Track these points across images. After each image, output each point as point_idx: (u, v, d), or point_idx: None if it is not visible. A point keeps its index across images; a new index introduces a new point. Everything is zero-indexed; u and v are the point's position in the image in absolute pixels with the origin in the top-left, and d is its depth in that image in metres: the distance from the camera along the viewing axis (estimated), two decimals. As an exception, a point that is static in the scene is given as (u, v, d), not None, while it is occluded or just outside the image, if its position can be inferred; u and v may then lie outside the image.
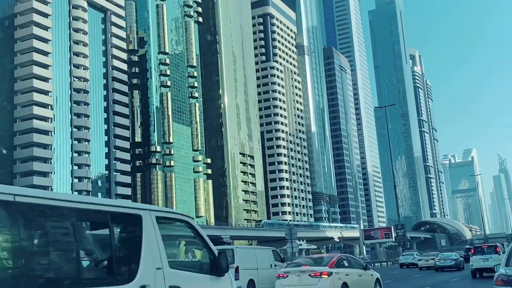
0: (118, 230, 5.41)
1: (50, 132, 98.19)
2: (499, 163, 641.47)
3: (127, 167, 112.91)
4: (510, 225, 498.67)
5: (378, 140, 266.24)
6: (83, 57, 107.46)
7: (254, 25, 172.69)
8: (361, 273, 17.06)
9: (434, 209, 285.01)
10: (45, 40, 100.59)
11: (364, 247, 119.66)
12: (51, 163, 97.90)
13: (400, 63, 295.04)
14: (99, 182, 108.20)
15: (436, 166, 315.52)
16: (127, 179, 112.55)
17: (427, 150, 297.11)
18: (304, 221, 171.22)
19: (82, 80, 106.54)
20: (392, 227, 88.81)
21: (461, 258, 39.64)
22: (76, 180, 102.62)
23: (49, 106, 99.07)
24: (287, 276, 16.03)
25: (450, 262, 37.79)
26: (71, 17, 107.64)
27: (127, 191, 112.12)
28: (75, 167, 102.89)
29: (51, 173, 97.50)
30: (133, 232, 5.35)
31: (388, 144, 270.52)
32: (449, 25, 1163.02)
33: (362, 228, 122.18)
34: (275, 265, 21.53)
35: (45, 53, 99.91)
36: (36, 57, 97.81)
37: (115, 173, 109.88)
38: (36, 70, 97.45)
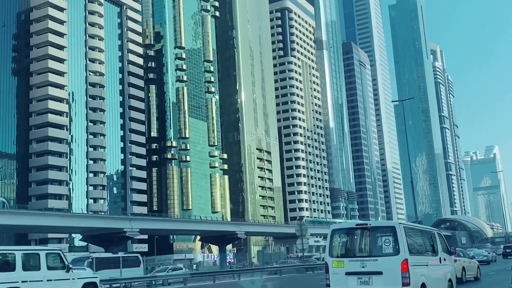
0: None
1: (65, 127, 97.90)
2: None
3: (142, 162, 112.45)
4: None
5: (398, 136, 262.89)
6: (98, 51, 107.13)
7: (271, 20, 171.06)
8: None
9: (455, 207, 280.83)
10: (61, 34, 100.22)
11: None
12: (66, 157, 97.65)
13: (421, 59, 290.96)
14: (115, 177, 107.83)
15: (457, 163, 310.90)
16: (143, 174, 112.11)
17: (448, 147, 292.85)
18: (322, 218, 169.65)
19: (98, 74, 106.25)
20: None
21: (493, 254, 52.53)
22: (91, 175, 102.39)
23: (65, 100, 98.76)
24: None
25: (482, 258, 44.88)
26: (87, 11, 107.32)
27: (143, 186, 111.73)
28: (91, 162, 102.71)
29: (66, 167, 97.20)
30: None
31: (408, 140, 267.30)
32: (471, 20, 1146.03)
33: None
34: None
35: (61, 47, 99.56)
36: (52, 51, 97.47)
37: (131, 168, 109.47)
38: (52, 64, 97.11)
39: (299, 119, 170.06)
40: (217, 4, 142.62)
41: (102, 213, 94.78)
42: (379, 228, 12.52)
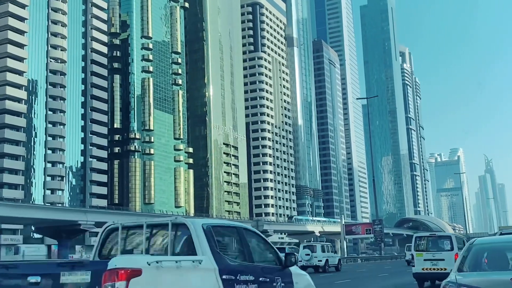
0: None
1: (23, 114, 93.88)
2: (485, 163, 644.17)
3: (104, 154, 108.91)
4: (494, 224, 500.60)
5: (365, 136, 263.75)
6: (61, 37, 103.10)
7: (242, 14, 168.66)
8: None
9: (418, 207, 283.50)
10: (22, 19, 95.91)
11: (345, 242, 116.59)
12: (23, 146, 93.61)
13: (389, 60, 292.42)
14: (74, 168, 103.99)
15: (422, 164, 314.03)
16: (104, 166, 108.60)
17: (413, 148, 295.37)
18: (287, 214, 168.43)
19: (60, 61, 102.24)
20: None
21: None
22: (49, 165, 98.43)
23: (23, 87, 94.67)
24: None
25: None
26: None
27: (103, 178, 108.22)
28: (49, 151, 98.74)
29: (23, 156, 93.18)
30: None
31: (374, 140, 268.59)
32: (439, 23, 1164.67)
33: (343, 223, 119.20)
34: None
35: (21, 32, 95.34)
36: (11, 35, 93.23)
37: (91, 159, 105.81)
38: (11, 49, 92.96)
39: (268, 115, 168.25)
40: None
41: (59, 205, 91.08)
42: (442, 236, 22.44)
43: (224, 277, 6.54)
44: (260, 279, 7.32)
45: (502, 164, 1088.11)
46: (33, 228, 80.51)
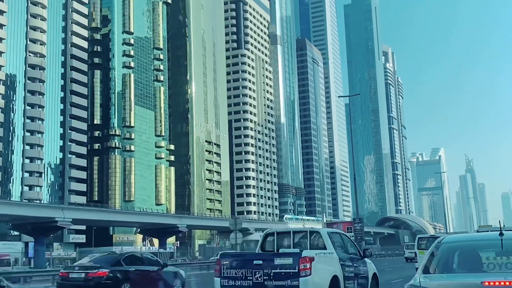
0: None
1: (0, 109, 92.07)
2: (466, 163, 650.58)
3: (83, 150, 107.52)
4: (474, 224, 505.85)
5: (348, 135, 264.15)
6: (40, 32, 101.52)
7: (226, 11, 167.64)
8: None
9: (400, 206, 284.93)
10: (0, 12, 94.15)
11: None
12: (0, 141, 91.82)
13: (373, 59, 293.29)
14: (53, 164, 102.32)
15: (404, 163, 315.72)
16: (83, 162, 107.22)
17: (395, 147, 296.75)
18: (269, 213, 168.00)
19: (39, 56, 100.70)
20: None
21: None
22: (27, 161, 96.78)
23: (1, 81, 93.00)
24: None
25: None
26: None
27: (83, 174, 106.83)
28: (27, 147, 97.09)
29: (0, 151, 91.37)
30: None
31: (357, 139, 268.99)
32: (423, 23, 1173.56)
33: (325, 221, 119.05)
34: None
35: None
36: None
37: (70, 156, 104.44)
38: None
39: (250, 113, 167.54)
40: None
41: (37, 201, 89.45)
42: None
43: (340, 262, 11.50)
44: (354, 264, 12.26)
45: (483, 164, 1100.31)
46: (9, 225, 78.86)
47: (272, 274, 10.14)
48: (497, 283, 4.80)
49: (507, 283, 4.77)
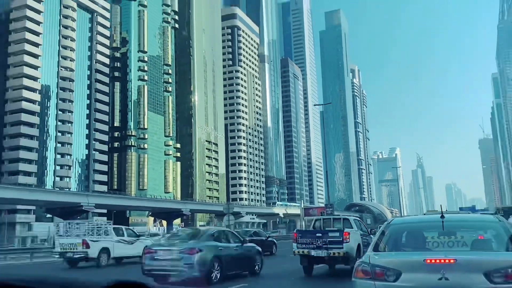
0: None
1: (36, 113, 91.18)
2: (417, 160, 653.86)
3: (105, 147, 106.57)
4: (423, 209, 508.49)
5: (322, 136, 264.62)
6: (70, 50, 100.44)
7: (223, 35, 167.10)
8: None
9: (363, 194, 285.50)
10: (37, 33, 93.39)
11: (304, 222, 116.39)
12: (37, 140, 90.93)
13: (342, 75, 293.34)
14: (79, 159, 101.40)
15: (367, 160, 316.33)
16: (105, 158, 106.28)
17: (360, 147, 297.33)
18: (257, 199, 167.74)
19: (69, 70, 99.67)
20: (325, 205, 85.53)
21: None
22: (59, 156, 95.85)
23: (37, 91, 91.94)
24: None
25: None
26: (61, 15, 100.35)
27: (104, 167, 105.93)
28: (59, 145, 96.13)
29: (36, 148, 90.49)
30: None
31: (329, 140, 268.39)
32: (383, 46, 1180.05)
33: (303, 206, 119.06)
34: None
35: (36, 45, 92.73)
36: (28, 47, 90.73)
37: (94, 152, 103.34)
38: (27, 58, 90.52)
39: (243, 118, 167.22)
40: (177, 18, 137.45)
41: (66, 189, 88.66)
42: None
43: (361, 236, 15.02)
44: (366, 238, 15.44)
45: (431, 160, 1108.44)
46: (44, 209, 78.11)
47: (327, 241, 13.86)
48: (438, 261, 4.54)
49: (447, 261, 4.50)
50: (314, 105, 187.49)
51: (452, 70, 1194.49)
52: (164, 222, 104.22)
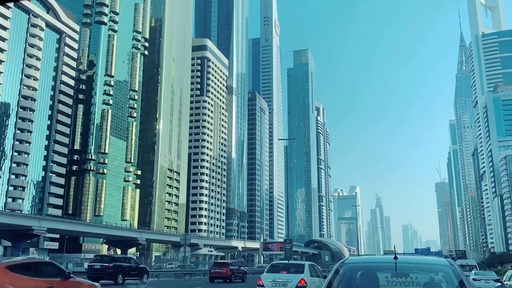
0: None
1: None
2: (376, 199, 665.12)
3: (62, 170, 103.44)
4: (380, 248, 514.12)
5: (285, 171, 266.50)
6: (34, 69, 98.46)
7: (193, 65, 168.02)
8: None
9: (323, 231, 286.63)
10: (1, 50, 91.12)
11: (262, 257, 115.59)
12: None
13: (307, 113, 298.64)
14: (35, 180, 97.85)
15: (328, 196, 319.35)
16: (62, 181, 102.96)
17: (322, 183, 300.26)
18: (217, 232, 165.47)
19: (31, 89, 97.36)
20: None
21: None
22: (13, 176, 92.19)
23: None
24: None
25: None
26: (29, 34, 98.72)
27: (60, 191, 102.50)
28: (14, 165, 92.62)
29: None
30: None
31: (292, 175, 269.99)
32: (348, 86, 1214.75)
33: (262, 241, 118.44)
34: None
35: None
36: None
37: (51, 174, 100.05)
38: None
39: (207, 148, 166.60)
40: (147, 44, 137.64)
41: (18, 211, 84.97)
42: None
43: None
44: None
45: (389, 200, 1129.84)
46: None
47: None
48: None
49: None
50: (279, 139, 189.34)
51: (413, 114, 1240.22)
52: (119, 251, 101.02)
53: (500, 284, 22.95)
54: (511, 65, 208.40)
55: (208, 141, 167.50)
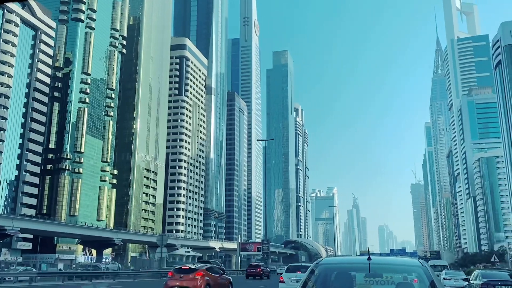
0: None
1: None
2: (353, 200, 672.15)
3: (37, 169, 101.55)
4: (356, 248, 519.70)
5: (263, 171, 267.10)
6: (8, 66, 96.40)
7: (171, 64, 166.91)
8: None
9: (300, 231, 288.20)
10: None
11: (239, 258, 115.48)
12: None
13: (286, 113, 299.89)
14: (8, 179, 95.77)
15: (305, 197, 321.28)
16: (36, 180, 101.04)
17: (300, 184, 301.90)
18: (194, 232, 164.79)
19: (5, 86, 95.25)
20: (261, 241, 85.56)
21: None
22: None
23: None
24: None
25: None
26: (3, 29, 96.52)
27: (34, 190, 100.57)
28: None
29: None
30: None
31: (270, 176, 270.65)
32: (327, 88, 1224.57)
33: (240, 241, 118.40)
34: None
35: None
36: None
37: (25, 173, 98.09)
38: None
39: (185, 148, 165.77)
40: (125, 43, 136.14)
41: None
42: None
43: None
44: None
45: (366, 201, 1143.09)
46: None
47: None
48: None
49: None
50: (258, 140, 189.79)
51: (391, 117, 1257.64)
52: (94, 251, 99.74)
53: (467, 283, 23.91)
54: (485, 70, 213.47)
55: (186, 141, 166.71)
